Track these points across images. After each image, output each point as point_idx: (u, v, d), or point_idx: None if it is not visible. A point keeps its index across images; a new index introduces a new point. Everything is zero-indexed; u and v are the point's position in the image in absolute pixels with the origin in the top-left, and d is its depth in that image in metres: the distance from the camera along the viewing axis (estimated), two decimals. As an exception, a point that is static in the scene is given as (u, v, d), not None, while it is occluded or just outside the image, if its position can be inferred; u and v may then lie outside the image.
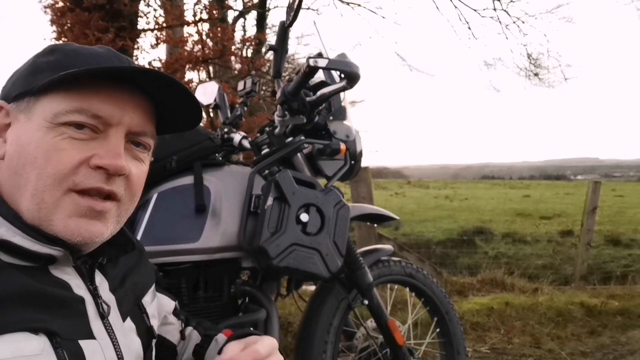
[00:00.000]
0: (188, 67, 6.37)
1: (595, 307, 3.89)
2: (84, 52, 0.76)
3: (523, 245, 9.06)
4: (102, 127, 0.71)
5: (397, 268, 1.96)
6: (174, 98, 0.76)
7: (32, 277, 0.66)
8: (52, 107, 0.69)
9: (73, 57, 0.74)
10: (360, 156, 1.78)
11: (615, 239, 8.80)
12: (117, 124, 0.72)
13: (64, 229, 0.69)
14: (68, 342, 0.66)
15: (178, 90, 0.75)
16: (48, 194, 0.68)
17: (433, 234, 10.03)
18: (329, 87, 1.54)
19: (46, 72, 0.71)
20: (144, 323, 0.86)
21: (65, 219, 0.69)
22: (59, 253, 0.70)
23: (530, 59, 11.17)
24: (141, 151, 0.78)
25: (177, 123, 0.83)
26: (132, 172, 0.74)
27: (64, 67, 0.71)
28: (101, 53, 0.77)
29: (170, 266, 1.43)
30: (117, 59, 0.77)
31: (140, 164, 0.78)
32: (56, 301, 0.68)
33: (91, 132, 0.70)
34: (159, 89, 0.74)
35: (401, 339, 1.80)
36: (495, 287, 4.58)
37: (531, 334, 3.46)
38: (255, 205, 1.47)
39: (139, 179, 0.77)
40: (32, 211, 0.68)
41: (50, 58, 0.74)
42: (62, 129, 0.69)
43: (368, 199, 4.59)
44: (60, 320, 0.66)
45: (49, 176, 0.68)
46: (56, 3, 5.79)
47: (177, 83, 0.75)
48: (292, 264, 1.40)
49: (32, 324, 0.62)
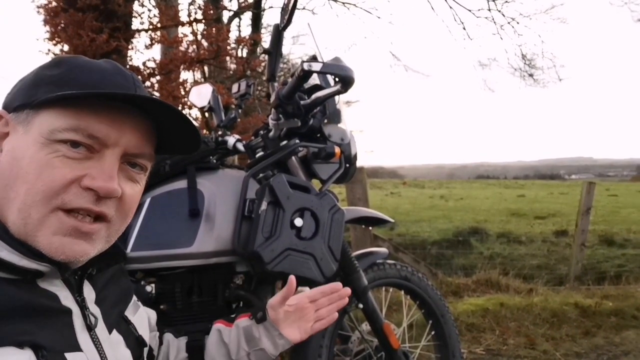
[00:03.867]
0: (183, 67, 6.34)
1: (590, 308, 3.90)
2: (88, 67, 0.75)
3: (518, 245, 9.09)
4: (97, 147, 0.70)
5: (392, 271, 1.96)
6: (173, 122, 0.76)
7: (19, 289, 0.66)
8: (49, 123, 0.69)
9: (77, 73, 0.73)
10: (355, 159, 1.77)
11: (609, 239, 8.84)
12: (114, 145, 0.71)
13: (47, 246, 0.68)
14: (54, 355, 0.65)
15: (178, 115, 0.75)
16: (35, 210, 0.67)
17: (428, 234, 10.04)
18: (324, 90, 1.53)
19: (49, 85, 0.71)
20: (131, 334, 0.85)
21: (49, 236, 0.68)
22: (45, 268, 0.69)
23: (524, 60, 11.21)
24: (137, 172, 0.77)
25: (176, 146, 0.82)
26: (125, 193, 0.74)
27: (67, 82, 0.71)
28: (106, 69, 0.76)
29: (164, 271, 1.42)
30: (122, 77, 0.76)
31: (135, 185, 0.77)
32: (43, 313, 0.67)
33: (86, 152, 0.70)
34: (160, 111, 0.74)
35: (396, 342, 1.80)
36: (490, 288, 4.59)
37: (526, 335, 3.47)
38: (250, 210, 1.46)
39: (132, 199, 0.76)
40: (18, 225, 0.68)
41: (55, 72, 0.74)
42: (57, 146, 0.68)
43: (363, 200, 4.58)
44: (47, 332, 0.66)
45: (38, 192, 0.67)
46: (49, 3, 5.75)
47: (177, 110, 0.74)
48: (287, 268, 1.40)
49: (17, 337, 0.61)
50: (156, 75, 6.13)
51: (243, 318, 1.09)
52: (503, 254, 7.95)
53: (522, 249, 8.57)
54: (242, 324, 1.07)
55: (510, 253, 8.14)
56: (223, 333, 1.08)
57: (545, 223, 11.31)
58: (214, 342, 1.07)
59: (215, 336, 1.08)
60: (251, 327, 1.06)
